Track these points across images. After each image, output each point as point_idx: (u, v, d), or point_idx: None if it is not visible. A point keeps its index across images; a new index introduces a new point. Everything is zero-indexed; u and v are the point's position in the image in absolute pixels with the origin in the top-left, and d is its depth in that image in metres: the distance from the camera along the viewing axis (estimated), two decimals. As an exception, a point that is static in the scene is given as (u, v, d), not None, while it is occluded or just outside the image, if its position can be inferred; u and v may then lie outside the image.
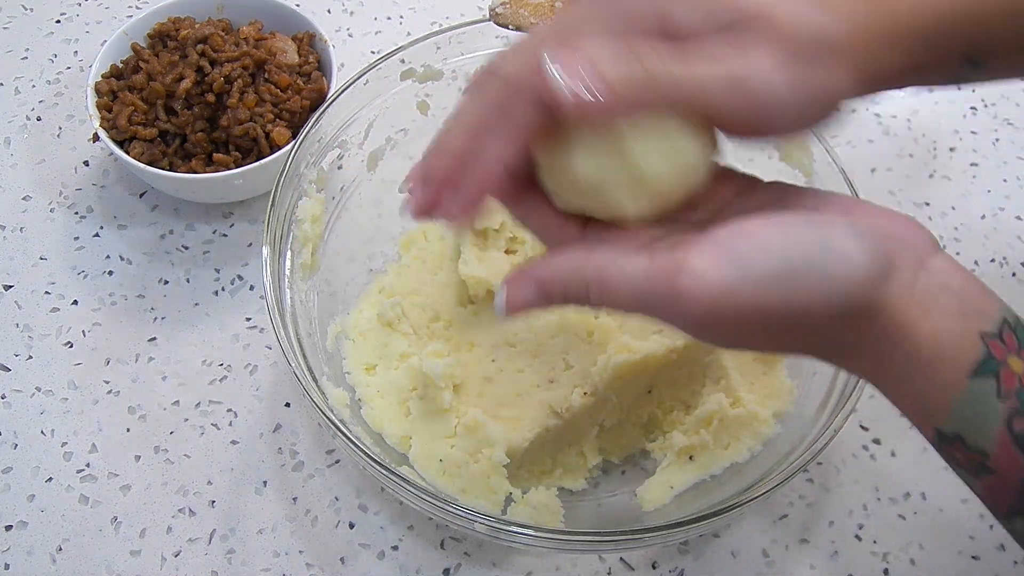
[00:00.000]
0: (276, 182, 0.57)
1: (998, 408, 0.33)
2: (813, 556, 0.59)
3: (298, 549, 0.58)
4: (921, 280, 0.34)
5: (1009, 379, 0.33)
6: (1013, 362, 0.33)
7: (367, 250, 0.67)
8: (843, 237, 0.33)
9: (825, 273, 0.33)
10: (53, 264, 0.68)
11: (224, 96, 0.67)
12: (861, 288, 0.33)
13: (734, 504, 0.49)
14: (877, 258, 0.33)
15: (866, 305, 0.34)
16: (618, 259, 0.35)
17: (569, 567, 0.58)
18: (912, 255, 0.35)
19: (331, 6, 0.84)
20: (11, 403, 0.62)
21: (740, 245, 0.33)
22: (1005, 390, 0.33)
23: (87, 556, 0.57)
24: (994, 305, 0.34)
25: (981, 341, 0.33)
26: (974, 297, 0.35)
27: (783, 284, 0.33)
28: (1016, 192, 0.77)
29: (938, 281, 0.34)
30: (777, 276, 0.33)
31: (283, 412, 0.63)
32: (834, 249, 0.33)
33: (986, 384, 0.33)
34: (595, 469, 0.60)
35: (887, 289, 0.34)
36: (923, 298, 0.34)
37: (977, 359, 0.33)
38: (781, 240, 0.33)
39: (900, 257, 0.34)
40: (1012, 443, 0.33)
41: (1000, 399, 0.33)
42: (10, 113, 0.76)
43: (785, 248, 0.33)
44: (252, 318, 0.67)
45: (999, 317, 0.34)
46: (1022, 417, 0.32)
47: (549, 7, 0.63)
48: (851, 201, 0.38)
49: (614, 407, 0.58)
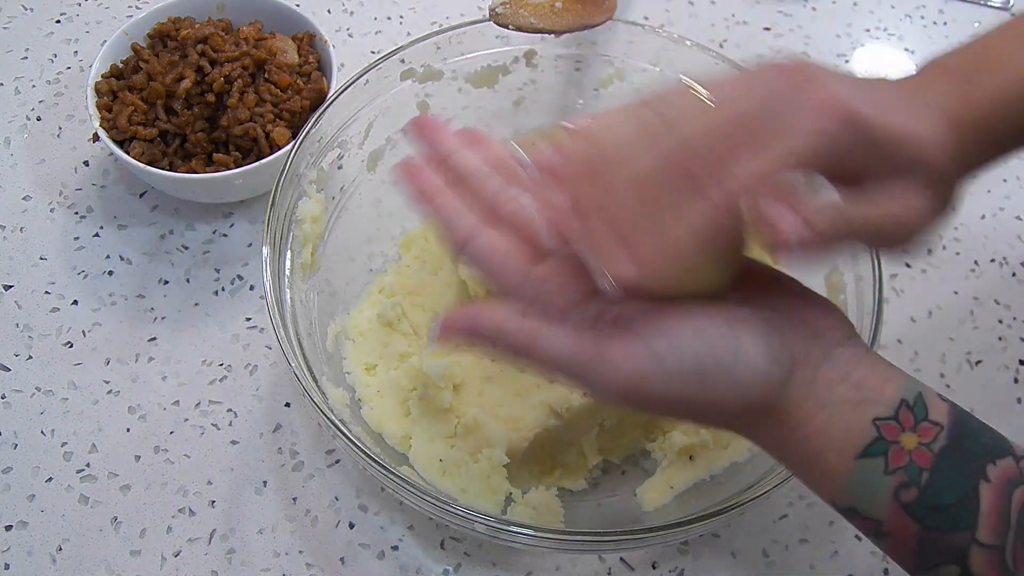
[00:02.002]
0: (276, 182, 0.57)
1: (887, 482, 0.37)
2: (813, 556, 0.59)
3: (298, 549, 0.58)
4: (822, 375, 0.38)
5: (898, 456, 0.37)
6: (906, 439, 0.37)
7: (367, 250, 0.67)
8: (754, 346, 0.38)
9: (732, 377, 0.38)
10: (53, 264, 0.68)
11: (224, 96, 0.67)
12: (762, 392, 0.38)
13: (734, 504, 0.49)
14: (781, 362, 0.38)
15: (766, 405, 0.39)
16: (548, 333, 0.39)
17: (569, 567, 0.58)
18: (820, 349, 0.39)
19: (331, 6, 0.84)
20: (11, 403, 0.62)
21: (658, 343, 0.38)
22: (893, 466, 0.37)
23: (87, 556, 0.57)
24: (895, 386, 0.38)
25: (872, 426, 0.37)
26: (874, 383, 0.38)
27: (693, 380, 0.38)
28: (1016, 192, 0.77)
29: (839, 372, 0.38)
30: (688, 373, 0.38)
31: (283, 412, 0.63)
32: (743, 355, 0.38)
33: (874, 463, 0.37)
34: (595, 469, 0.60)
35: (785, 392, 0.38)
36: (820, 393, 0.38)
37: (866, 442, 0.37)
38: (694, 340, 0.38)
39: (807, 352, 0.39)
40: (901, 511, 0.37)
41: (888, 474, 0.37)
42: (10, 113, 0.76)
43: (698, 348, 0.38)
44: (252, 318, 0.67)
45: (897, 399, 0.38)
46: (909, 488, 0.37)
47: (549, 7, 0.63)
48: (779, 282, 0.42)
49: (614, 407, 0.58)
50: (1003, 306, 0.70)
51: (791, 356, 0.38)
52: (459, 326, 0.41)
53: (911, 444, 0.37)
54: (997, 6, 0.89)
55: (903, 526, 0.37)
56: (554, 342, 0.39)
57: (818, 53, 0.84)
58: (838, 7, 0.88)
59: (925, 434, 0.37)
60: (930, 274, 0.72)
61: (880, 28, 0.87)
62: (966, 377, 0.67)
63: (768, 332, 0.38)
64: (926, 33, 0.87)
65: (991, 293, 0.71)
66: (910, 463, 0.37)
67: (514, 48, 0.66)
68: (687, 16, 0.86)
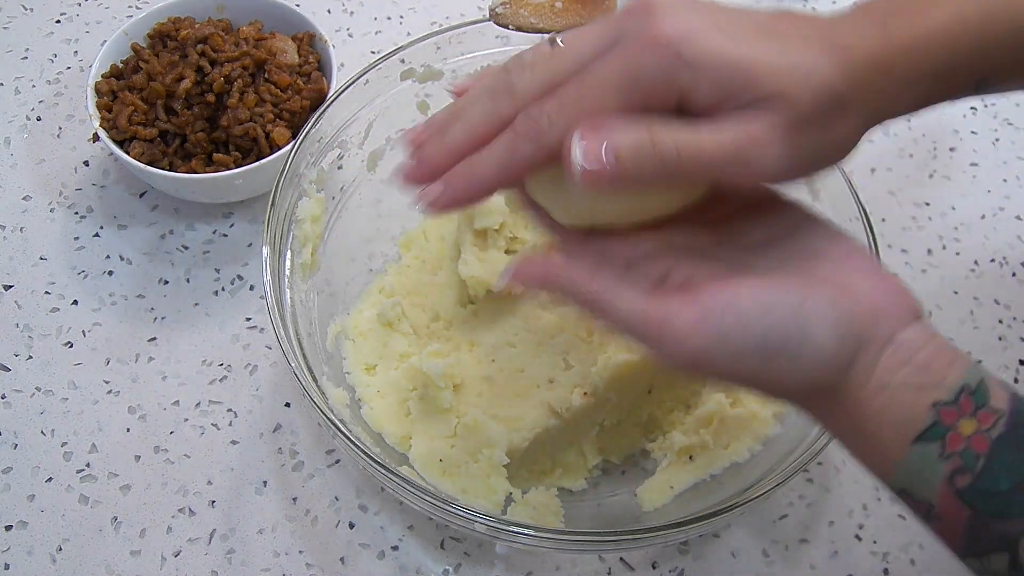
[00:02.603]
0: (276, 182, 0.57)
1: (940, 467, 0.36)
2: (813, 556, 0.59)
3: (298, 549, 0.58)
4: (885, 356, 0.38)
5: (955, 441, 0.36)
6: (964, 424, 0.37)
7: (367, 250, 0.67)
8: (821, 326, 0.37)
9: (797, 359, 0.37)
10: (53, 264, 0.68)
11: (224, 96, 0.67)
12: (825, 374, 0.38)
13: (734, 504, 0.49)
14: (846, 346, 0.38)
15: (827, 386, 0.38)
16: (617, 292, 0.39)
17: (569, 567, 0.58)
18: (885, 329, 0.38)
19: (331, 6, 0.84)
20: (11, 403, 0.62)
21: (725, 318, 0.37)
22: (949, 451, 0.36)
23: (87, 556, 0.57)
24: (958, 371, 0.38)
25: (931, 410, 0.37)
26: (937, 368, 0.38)
27: (756, 360, 0.37)
28: (1016, 192, 0.77)
29: (902, 356, 0.38)
30: (752, 353, 0.37)
31: (283, 412, 0.63)
32: (809, 339, 0.37)
33: (929, 448, 0.37)
34: (595, 469, 0.60)
35: (847, 374, 0.38)
36: (881, 375, 0.38)
37: (924, 426, 0.37)
38: (762, 320, 0.37)
39: (871, 335, 0.38)
40: (954, 496, 0.36)
41: (943, 459, 0.36)
42: (10, 113, 0.76)
43: (765, 330, 0.37)
44: (252, 318, 0.67)
45: (959, 384, 0.37)
46: (963, 473, 0.36)
47: (549, 7, 0.63)
48: (850, 256, 0.41)
49: (614, 407, 0.58)
50: (1003, 306, 0.70)
51: (857, 339, 0.38)
52: (535, 272, 0.41)
53: (969, 430, 0.36)
54: None
55: (954, 511, 0.36)
56: (623, 304, 0.39)
57: (818, 53, 0.84)
58: (838, 7, 0.88)
59: (984, 420, 0.36)
60: (930, 274, 0.72)
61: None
62: (966, 377, 0.67)
63: (837, 315, 0.37)
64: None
65: (991, 293, 0.71)
66: (966, 449, 0.36)
67: (514, 48, 0.66)
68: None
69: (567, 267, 0.40)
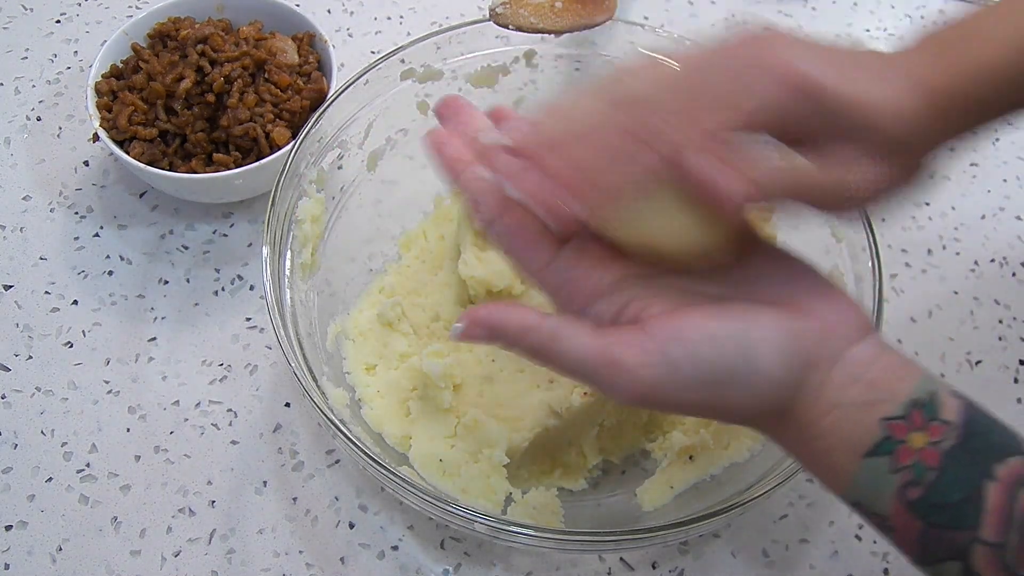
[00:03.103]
0: (276, 182, 0.57)
1: (892, 480, 0.37)
2: (813, 556, 0.59)
3: (298, 549, 0.58)
4: (834, 375, 0.39)
5: (905, 455, 0.37)
6: (914, 438, 0.37)
7: (367, 250, 0.67)
8: (767, 353, 0.38)
9: (745, 386, 0.39)
10: (53, 264, 0.68)
11: (224, 96, 0.67)
12: (774, 398, 0.39)
13: (734, 504, 0.49)
14: (794, 369, 0.39)
15: (777, 408, 0.39)
16: (566, 333, 0.40)
17: (569, 567, 0.58)
18: (834, 347, 0.39)
19: (331, 6, 0.84)
20: (11, 403, 0.62)
21: (674, 351, 0.38)
22: (899, 465, 0.37)
23: (87, 556, 0.57)
24: (908, 385, 0.38)
25: (880, 425, 0.38)
26: (887, 383, 0.39)
27: (706, 390, 0.39)
28: (1016, 192, 0.77)
29: (851, 373, 0.39)
30: (703, 381, 0.38)
31: (283, 412, 0.63)
32: (756, 366, 0.38)
33: (879, 462, 0.38)
34: (595, 469, 0.60)
35: (797, 395, 0.39)
36: (831, 394, 0.39)
37: (874, 441, 0.38)
38: (709, 350, 0.38)
39: (819, 355, 0.39)
40: (905, 508, 0.37)
41: (894, 472, 0.37)
42: (10, 113, 0.76)
43: (712, 360, 0.38)
44: (252, 318, 0.67)
45: (909, 399, 0.38)
46: (914, 486, 0.37)
47: (549, 7, 0.63)
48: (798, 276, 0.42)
49: (614, 407, 0.58)
50: (1003, 306, 0.70)
51: (804, 361, 0.39)
52: (483, 324, 0.41)
53: (919, 443, 0.37)
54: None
55: (907, 522, 0.37)
56: (573, 343, 0.39)
57: (818, 53, 0.84)
58: (838, 7, 0.88)
59: (934, 433, 0.37)
60: (930, 274, 0.72)
61: (880, 28, 0.87)
62: (966, 377, 0.67)
63: (782, 338, 0.39)
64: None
65: (991, 293, 0.71)
66: (917, 462, 0.37)
67: (514, 48, 0.66)
68: (687, 16, 0.86)
69: (518, 310, 0.41)
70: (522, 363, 0.60)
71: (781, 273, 0.42)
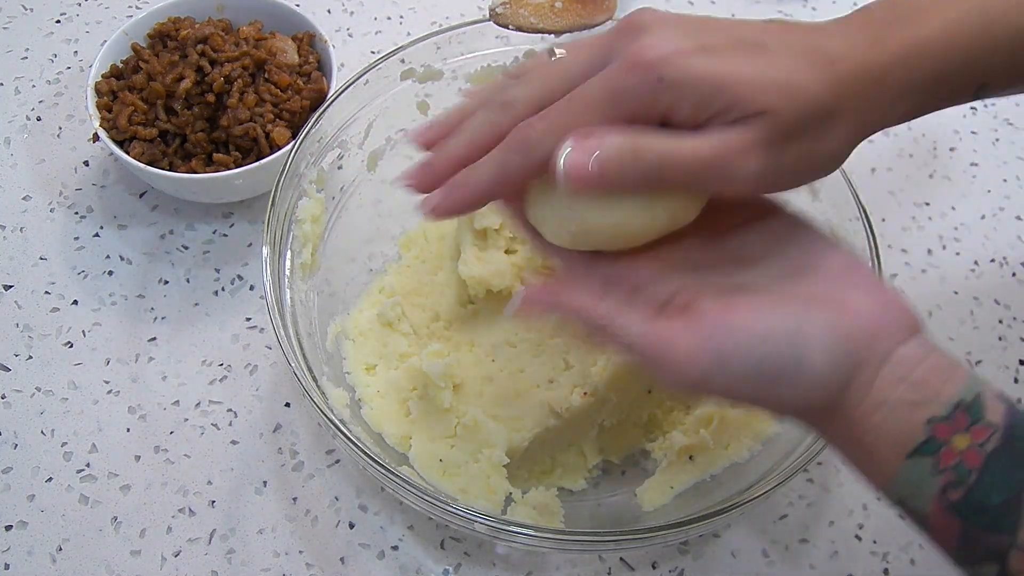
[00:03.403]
0: (276, 182, 0.57)
1: (934, 481, 0.37)
2: (813, 556, 0.59)
3: (298, 549, 0.58)
4: (882, 374, 0.39)
5: (948, 456, 0.37)
6: (958, 439, 0.37)
7: (367, 250, 0.67)
8: (817, 353, 0.38)
9: (794, 384, 0.38)
10: (53, 264, 0.68)
11: (224, 96, 0.67)
12: (822, 396, 0.39)
13: (734, 504, 0.49)
14: (842, 370, 0.39)
15: (824, 406, 0.39)
16: (622, 316, 0.40)
17: (569, 567, 0.58)
18: (883, 346, 0.39)
19: (331, 6, 0.84)
20: (11, 403, 0.62)
21: (724, 344, 0.38)
22: (942, 466, 0.37)
23: (87, 556, 0.57)
24: (955, 386, 0.38)
25: (925, 426, 0.38)
26: (934, 383, 0.38)
27: (754, 384, 0.39)
28: (1016, 192, 0.77)
29: (899, 372, 0.39)
30: (750, 378, 0.38)
31: (283, 412, 0.63)
32: (805, 365, 0.38)
33: (923, 462, 0.38)
34: (595, 469, 0.60)
35: (844, 394, 0.39)
36: (878, 393, 0.39)
37: (918, 442, 0.38)
38: (760, 346, 0.38)
39: (868, 354, 0.39)
40: (946, 508, 0.37)
41: (937, 474, 0.37)
42: (10, 113, 0.76)
43: (762, 356, 0.38)
44: (252, 318, 0.67)
45: (955, 400, 0.38)
46: (956, 487, 0.37)
47: (549, 7, 0.63)
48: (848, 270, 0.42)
49: (614, 407, 0.58)
50: (1003, 306, 0.70)
51: (854, 360, 0.39)
52: (543, 300, 0.42)
53: (963, 445, 0.37)
54: None
55: (947, 523, 0.37)
56: (626, 330, 0.40)
57: (818, 53, 0.84)
58: (838, 7, 0.88)
59: (978, 435, 0.37)
60: (930, 274, 0.72)
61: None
62: (966, 377, 0.67)
63: (834, 338, 0.39)
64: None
65: (991, 293, 0.71)
66: (960, 463, 0.37)
67: (514, 48, 0.66)
68: (687, 16, 0.85)
69: (574, 292, 0.42)
70: (522, 363, 0.60)
71: (831, 265, 0.42)
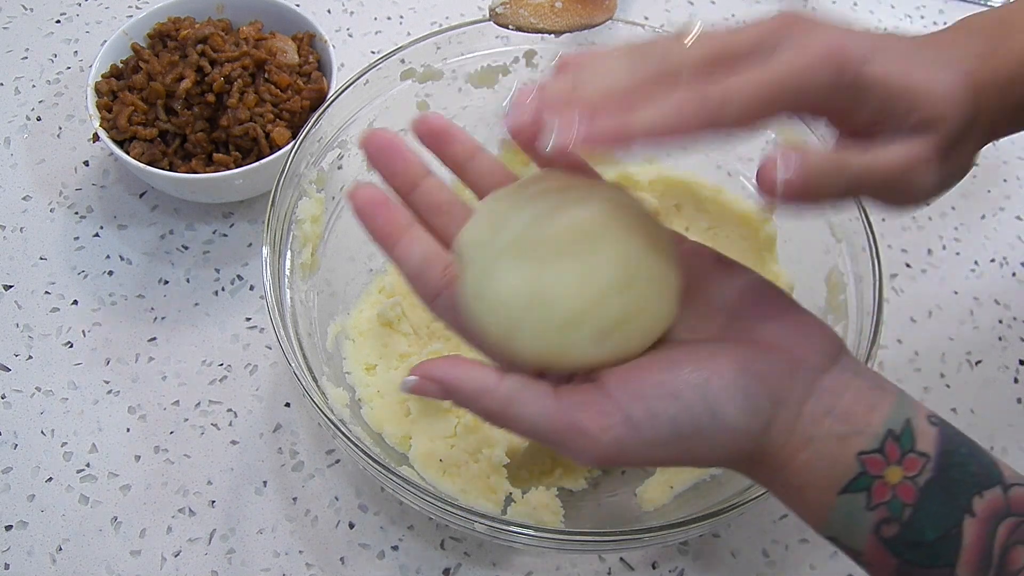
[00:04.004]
0: (276, 182, 0.57)
1: (867, 517, 0.36)
2: (813, 556, 0.59)
3: (298, 549, 0.58)
4: (806, 410, 0.38)
5: (881, 491, 0.36)
6: (891, 473, 0.36)
7: (367, 250, 0.67)
8: (731, 402, 0.37)
9: (713, 437, 0.37)
10: (53, 264, 0.68)
11: (224, 96, 0.67)
12: (743, 445, 0.38)
13: (734, 504, 0.49)
14: (761, 413, 0.37)
15: (748, 453, 0.38)
16: (524, 397, 0.38)
17: (569, 567, 0.58)
18: (804, 379, 0.38)
19: (331, 6, 0.84)
20: (11, 403, 0.62)
21: (635, 409, 0.37)
22: (875, 502, 0.36)
23: (87, 556, 0.57)
24: (882, 414, 0.37)
25: (856, 461, 0.37)
26: (861, 412, 0.37)
27: (671, 445, 0.37)
28: (1016, 192, 0.77)
29: (824, 405, 0.37)
30: (666, 438, 0.37)
31: (283, 412, 0.63)
32: (720, 418, 0.37)
33: (855, 499, 0.37)
34: (595, 469, 0.60)
35: (767, 437, 0.38)
36: (804, 429, 0.37)
37: (849, 477, 0.37)
38: (672, 407, 0.37)
39: (788, 391, 0.38)
40: (881, 545, 0.36)
41: (870, 509, 0.36)
42: (10, 113, 0.76)
43: (675, 414, 0.36)
44: (252, 318, 0.67)
45: (883, 429, 0.37)
46: (890, 523, 0.36)
47: (549, 7, 0.63)
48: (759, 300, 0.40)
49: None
50: (1003, 306, 0.70)
51: (771, 402, 0.37)
52: (437, 380, 0.39)
53: (895, 478, 0.36)
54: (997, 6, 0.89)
55: (882, 559, 0.37)
56: (532, 408, 0.38)
57: (818, 53, 0.84)
58: (838, 7, 0.88)
59: (911, 467, 0.36)
60: (930, 274, 0.72)
61: (880, 28, 0.87)
62: (966, 377, 0.67)
63: (746, 383, 0.37)
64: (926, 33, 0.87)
65: (991, 293, 0.71)
66: (893, 498, 0.36)
67: (514, 48, 0.66)
68: (687, 16, 0.86)
69: (471, 376, 0.38)
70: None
71: (734, 298, 0.40)
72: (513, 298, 0.38)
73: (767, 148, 0.62)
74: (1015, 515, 0.36)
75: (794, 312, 0.40)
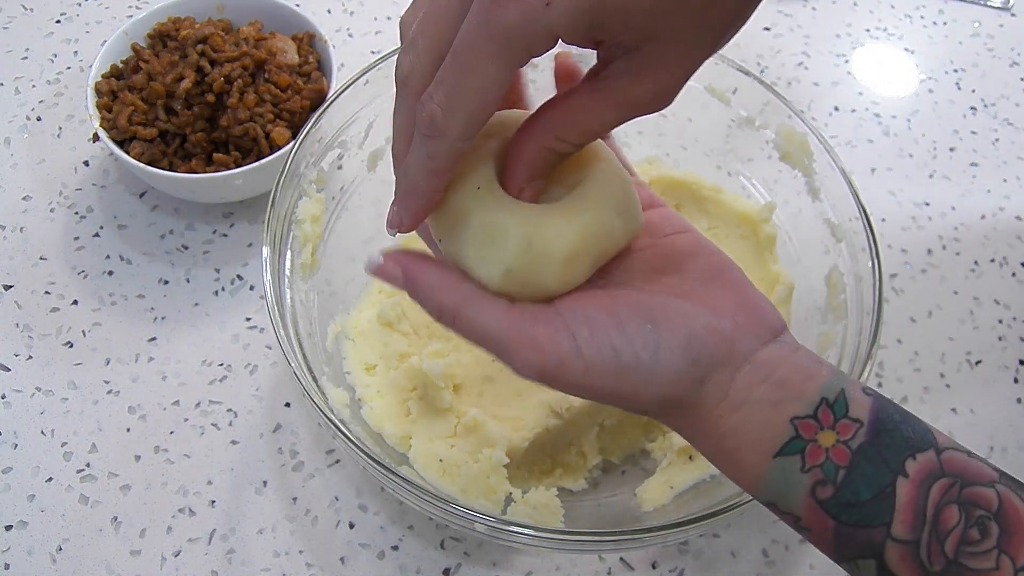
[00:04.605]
0: (276, 182, 0.57)
1: (803, 479, 0.37)
2: (813, 556, 0.59)
3: (298, 549, 0.58)
4: (741, 375, 0.39)
5: (815, 454, 0.37)
6: (824, 436, 0.37)
7: (367, 250, 0.67)
8: (673, 345, 0.38)
9: (648, 373, 0.38)
10: (53, 264, 0.68)
11: (224, 96, 0.67)
12: (678, 389, 0.38)
13: (734, 504, 0.49)
14: (699, 365, 0.38)
15: (682, 402, 0.39)
16: (479, 302, 0.39)
17: (569, 567, 0.58)
18: (743, 347, 0.39)
19: (331, 6, 0.84)
20: (11, 403, 0.62)
21: (581, 332, 0.38)
22: (809, 464, 0.37)
23: (87, 556, 0.57)
24: (817, 384, 0.38)
25: (789, 425, 0.37)
26: (796, 382, 0.38)
27: (610, 372, 0.38)
28: (1016, 192, 0.77)
29: (759, 374, 0.39)
30: (606, 365, 0.38)
31: (283, 412, 0.63)
32: (663, 356, 0.38)
33: (790, 462, 0.37)
34: (595, 469, 0.60)
35: (701, 391, 0.39)
36: (737, 393, 0.38)
37: (783, 441, 0.38)
38: (617, 337, 0.38)
39: (727, 355, 0.39)
40: (817, 507, 0.37)
41: (804, 472, 0.37)
42: (10, 113, 0.76)
43: (618, 345, 0.38)
44: (252, 318, 0.67)
45: (817, 397, 0.38)
46: (825, 485, 0.37)
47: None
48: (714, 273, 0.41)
49: (614, 407, 0.58)
50: (1003, 306, 0.70)
51: (711, 358, 0.38)
52: (402, 264, 0.40)
53: (828, 442, 0.37)
54: (997, 6, 0.89)
55: (820, 521, 0.37)
56: (484, 312, 0.39)
57: (818, 53, 0.84)
58: (838, 7, 0.88)
59: (844, 431, 0.37)
60: (930, 274, 0.72)
61: (880, 28, 0.87)
62: (966, 377, 0.67)
63: (691, 333, 0.38)
64: (926, 33, 0.87)
65: (991, 293, 0.71)
66: (827, 461, 0.37)
67: (514, 48, 0.65)
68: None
69: (435, 270, 0.40)
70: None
71: (700, 266, 0.42)
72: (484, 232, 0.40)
73: (765, 148, 0.62)
74: (948, 476, 0.36)
75: (747, 290, 0.41)
